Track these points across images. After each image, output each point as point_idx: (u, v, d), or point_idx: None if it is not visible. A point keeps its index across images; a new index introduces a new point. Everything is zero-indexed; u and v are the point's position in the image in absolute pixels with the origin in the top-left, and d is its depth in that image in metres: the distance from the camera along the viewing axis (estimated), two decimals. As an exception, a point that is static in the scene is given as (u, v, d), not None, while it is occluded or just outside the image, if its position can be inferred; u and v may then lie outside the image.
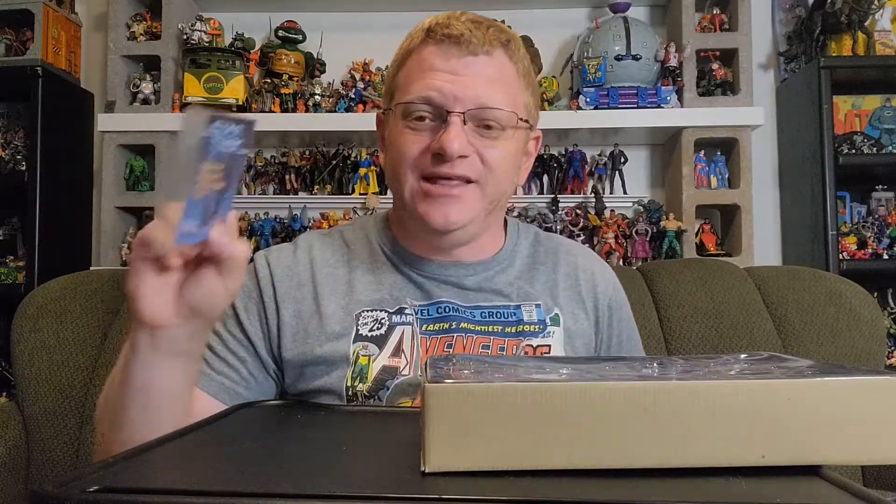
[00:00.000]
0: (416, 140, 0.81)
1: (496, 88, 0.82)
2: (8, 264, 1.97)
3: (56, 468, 1.27)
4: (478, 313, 0.86)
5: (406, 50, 0.87)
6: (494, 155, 0.82)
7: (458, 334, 0.84)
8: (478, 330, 0.85)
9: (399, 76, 0.86)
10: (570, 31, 2.11)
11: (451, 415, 0.44)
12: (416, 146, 0.81)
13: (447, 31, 0.82)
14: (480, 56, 0.82)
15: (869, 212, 2.04)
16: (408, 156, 0.82)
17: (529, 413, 0.44)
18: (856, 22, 1.90)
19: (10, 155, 2.01)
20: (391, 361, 0.82)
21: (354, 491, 0.40)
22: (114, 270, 1.69)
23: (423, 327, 0.84)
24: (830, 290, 1.37)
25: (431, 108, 0.81)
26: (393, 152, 0.85)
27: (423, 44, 0.84)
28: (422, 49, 0.84)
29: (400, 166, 0.83)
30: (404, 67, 0.86)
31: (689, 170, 1.93)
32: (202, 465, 0.50)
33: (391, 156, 0.86)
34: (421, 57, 0.84)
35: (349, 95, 1.99)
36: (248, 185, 2.09)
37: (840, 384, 0.45)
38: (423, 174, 0.81)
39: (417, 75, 0.83)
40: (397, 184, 0.85)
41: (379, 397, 0.80)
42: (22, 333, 1.34)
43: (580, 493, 0.41)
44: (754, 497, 0.41)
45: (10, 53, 1.98)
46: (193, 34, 1.93)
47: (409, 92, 0.82)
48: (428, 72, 0.82)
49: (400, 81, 0.86)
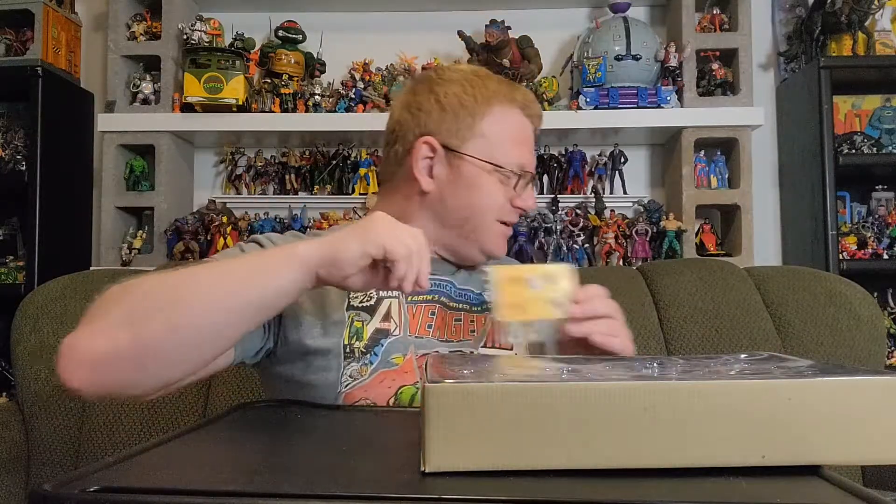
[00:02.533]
0: (503, 192, 0.97)
1: None
2: (8, 264, 1.97)
3: (56, 468, 1.27)
4: (452, 290, 0.99)
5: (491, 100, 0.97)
6: None
7: (439, 305, 0.96)
8: (452, 306, 0.98)
9: (488, 130, 0.96)
10: (570, 31, 2.11)
11: (450, 415, 0.44)
12: (501, 197, 0.97)
13: (536, 112, 1.01)
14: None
15: (869, 212, 2.04)
16: (495, 205, 0.97)
17: (529, 413, 0.44)
18: (856, 22, 1.90)
19: (10, 155, 2.01)
20: (382, 325, 0.92)
21: (355, 491, 0.40)
22: (114, 270, 1.69)
23: (409, 297, 0.94)
24: (830, 290, 1.37)
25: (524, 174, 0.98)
26: (478, 197, 0.96)
27: (511, 106, 0.98)
28: (513, 114, 0.99)
29: (486, 211, 0.97)
30: (494, 124, 0.97)
31: (689, 170, 1.93)
32: (202, 465, 0.50)
33: (474, 198, 0.96)
34: (517, 123, 0.99)
35: (349, 95, 1.99)
36: (248, 185, 2.09)
37: (840, 384, 0.45)
38: (500, 218, 0.98)
39: (517, 142, 0.98)
40: (475, 221, 0.97)
41: (374, 352, 0.89)
42: (22, 333, 1.34)
43: (580, 494, 0.41)
44: (754, 497, 0.41)
45: (10, 53, 1.98)
46: (193, 34, 1.92)
47: (511, 156, 0.96)
48: (525, 144, 0.99)
49: (492, 137, 0.96)
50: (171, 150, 1.99)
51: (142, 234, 1.99)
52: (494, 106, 0.97)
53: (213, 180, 2.16)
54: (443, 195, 0.97)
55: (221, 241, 1.89)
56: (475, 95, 0.97)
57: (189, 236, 1.90)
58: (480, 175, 0.96)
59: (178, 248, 1.89)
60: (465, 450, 0.44)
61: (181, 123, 1.95)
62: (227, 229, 1.91)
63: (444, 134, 0.96)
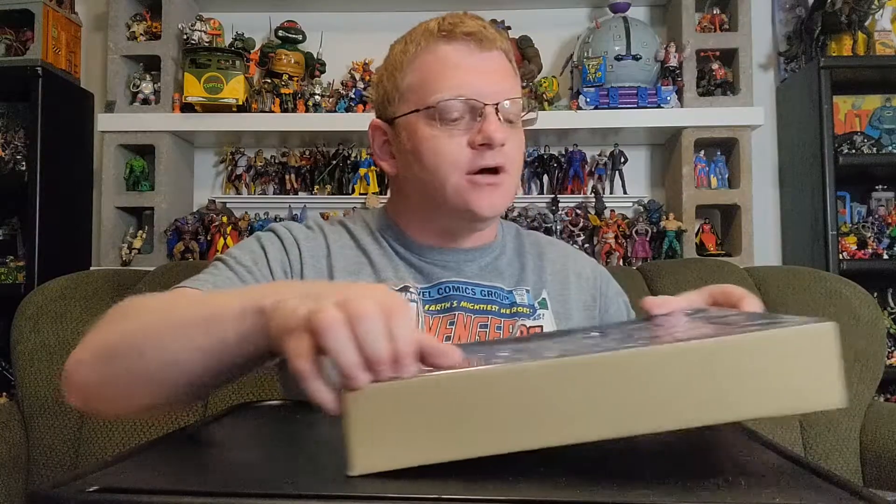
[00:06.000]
0: (453, 137, 0.83)
1: (512, 82, 0.88)
2: (8, 264, 1.97)
3: (56, 468, 1.27)
4: (478, 291, 0.90)
5: (412, 53, 0.87)
6: (517, 144, 0.87)
7: (459, 312, 0.87)
8: (477, 309, 0.88)
9: (410, 80, 0.87)
10: (570, 31, 2.11)
11: (371, 416, 0.44)
12: (454, 143, 0.83)
13: (463, 28, 0.85)
14: (494, 52, 0.87)
15: (869, 212, 2.04)
16: (449, 155, 0.83)
17: (447, 405, 0.44)
18: (856, 22, 1.90)
19: (10, 155, 2.01)
20: None
21: (355, 491, 0.40)
22: (114, 270, 1.69)
23: (426, 307, 0.87)
24: (830, 290, 1.37)
25: (465, 105, 0.83)
26: (426, 156, 0.85)
27: (434, 44, 0.86)
28: (435, 49, 0.86)
29: (440, 167, 0.84)
30: (416, 69, 0.86)
31: (689, 170, 1.93)
32: (202, 465, 0.50)
33: (423, 160, 0.85)
34: (437, 56, 0.85)
35: (349, 95, 1.99)
36: (248, 185, 2.09)
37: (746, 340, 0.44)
38: (468, 170, 0.84)
39: (442, 74, 0.84)
40: (436, 184, 0.85)
41: None
42: (22, 334, 1.34)
43: (583, 495, 0.41)
44: (755, 497, 0.41)
45: (10, 53, 1.98)
46: (193, 34, 1.92)
47: (436, 91, 0.83)
48: (453, 70, 0.84)
49: (414, 85, 0.86)
50: (171, 150, 1.98)
51: (142, 234, 1.99)
52: (420, 56, 0.86)
53: (213, 180, 2.16)
54: (405, 171, 0.89)
55: (221, 241, 1.89)
56: (405, 52, 0.88)
57: (189, 236, 1.90)
58: (418, 128, 0.85)
59: (178, 248, 1.89)
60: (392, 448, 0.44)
61: (181, 123, 1.95)
62: (227, 229, 1.91)
63: (381, 109, 0.91)
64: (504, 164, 0.84)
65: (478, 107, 0.83)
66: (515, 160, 0.87)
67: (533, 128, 0.94)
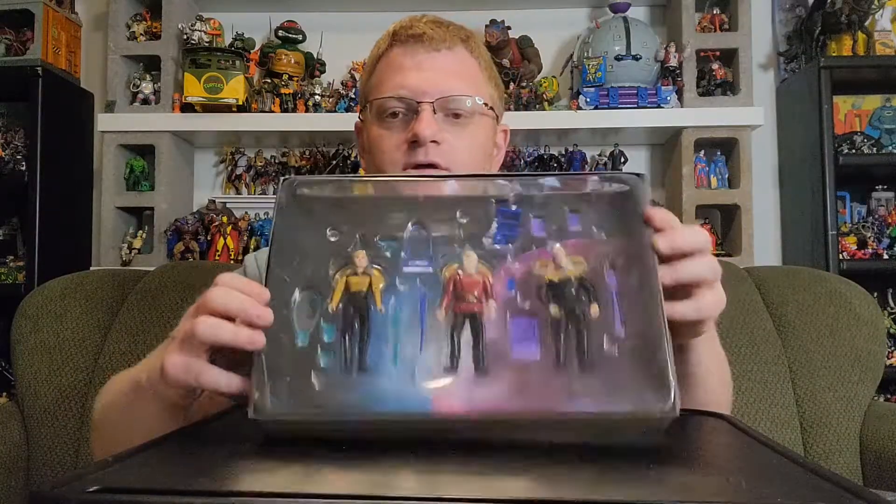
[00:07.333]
0: (392, 135, 0.87)
1: (459, 79, 0.88)
2: (8, 264, 1.97)
3: (56, 468, 1.27)
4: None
5: (374, 57, 0.93)
6: (464, 141, 0.88)
7: None
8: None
9: (371, 81, 0.92)
10: (570, 31, 2.11)
11: None
12: (393, 141, 0.87)
13: (410, 31, 0.88)
14: (443, 51, 0.88)
15: (869, 212, 2.04)
16: (386, 151, 0.87)
17: None
18: (856, 22, 1.90)
19: (10, 155, 2.01)
20: None
21: (355, 491, 0.40)
22: (114, 270, 1.69)
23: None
24: (830, 290, 1.37)
25: (402, 103, 0.86)
26: (372, 152, 0.90)
27: (389, 48, 0.90)
28: (389, 53, 0.90)
29: (382, 164, 0.88)
30: (375, 72, 0.92)
31: (689, 170, 1.93)
32: (202, 465, 0.50)
33: (371, 156, 0.90)
34: (389, 59, 0.90)
35: (349, 95, 1.99)
36: (248, 185, 2.09)
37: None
38: (402, 165, 0.86)
39: (387, 76, 0.89)
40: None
41: None
42: (22, 333, 1.34)
43: (583, 494, 0.41)
44: (754, 497, 0.41)
45: (10, 53, 1.98)
46: (193, 34, 1.93)
47: (380, 92, 0.88)
48: (397, 71, 0.88)
49: (372, 86, 0.91)
50: (171, 150, 1.99)
51: (142, 234, 1.99)
52: (380, 59, 0.91)
53: (213, 180, 2.16)
54: (368, 169, 0.94)
55: (221, 241, 1.89)
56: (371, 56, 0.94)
57: (189, 236, 1.90)
58: (371, 128, 0.90)
59: (178, 248, 1.89)
60: None
61: (181, 123, 1.95)
62: (227, 229, 1.91)
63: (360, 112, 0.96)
64: (440, 161, 0.85)
65: (413, 105, 0.86)
66: (459, 157, 0.86)
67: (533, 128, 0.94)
